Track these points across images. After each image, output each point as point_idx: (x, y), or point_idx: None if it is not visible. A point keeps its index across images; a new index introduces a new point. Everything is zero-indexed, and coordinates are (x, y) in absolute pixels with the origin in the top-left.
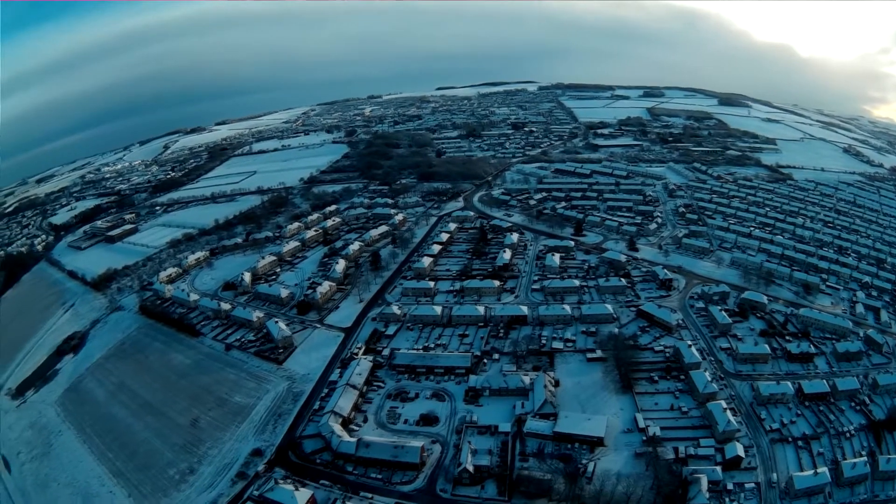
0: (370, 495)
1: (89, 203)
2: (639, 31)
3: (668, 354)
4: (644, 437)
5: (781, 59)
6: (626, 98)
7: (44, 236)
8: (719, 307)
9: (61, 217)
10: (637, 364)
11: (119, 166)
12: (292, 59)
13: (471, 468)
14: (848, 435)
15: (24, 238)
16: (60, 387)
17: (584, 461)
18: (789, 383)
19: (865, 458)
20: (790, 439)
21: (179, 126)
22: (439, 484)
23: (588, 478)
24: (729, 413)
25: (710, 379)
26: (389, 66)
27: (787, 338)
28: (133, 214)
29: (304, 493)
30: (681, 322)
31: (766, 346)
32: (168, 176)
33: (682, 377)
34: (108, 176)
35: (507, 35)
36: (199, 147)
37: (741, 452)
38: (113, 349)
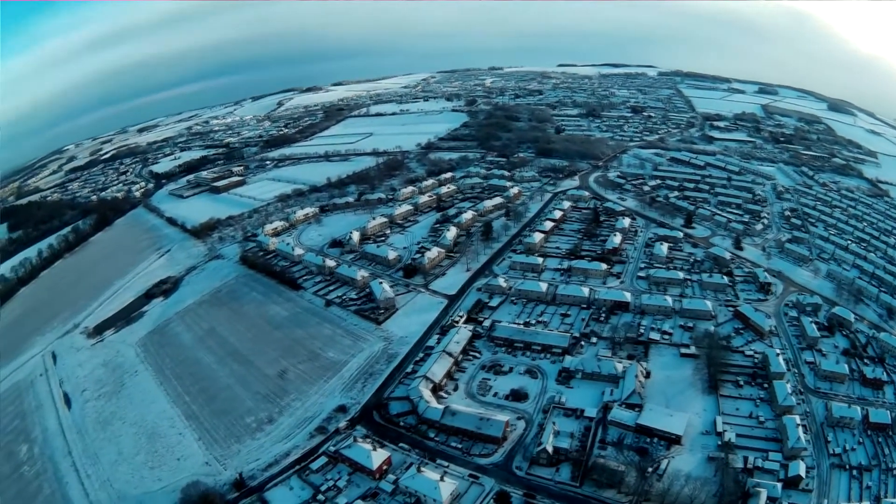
0: (446, 464)
1: (195, 154)
2: (750, 25)
3: (756, 360)
4: (719, 442)
5: (885, 69)
6: (742, 92)
7: (143, 183)
8: (810, 319)
9: (163, 166)
10: (727, 366)
11: (229, 120)
12: (414, 26)
13: (550, 449)
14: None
15: (121, 184)
16: (145, 328)
17: (659, 457)
18: (858, 408)
19: None
20: (847, 466)
21: (294, 84)
22: (516, 461)
23: (659, 475)
24: (801, 430)
25: (790, 392)
26: (509, 40)
27: (865, 361)
28: (241, 167)
29: (380, 454)
30: (773, 329)
31: (846, 365)
32: (281, 132)
33: (766, 385)
34: (216, 129)
35: (627, 17)
36: (315, 106)
37: (802, 472)
38: (207, 296)
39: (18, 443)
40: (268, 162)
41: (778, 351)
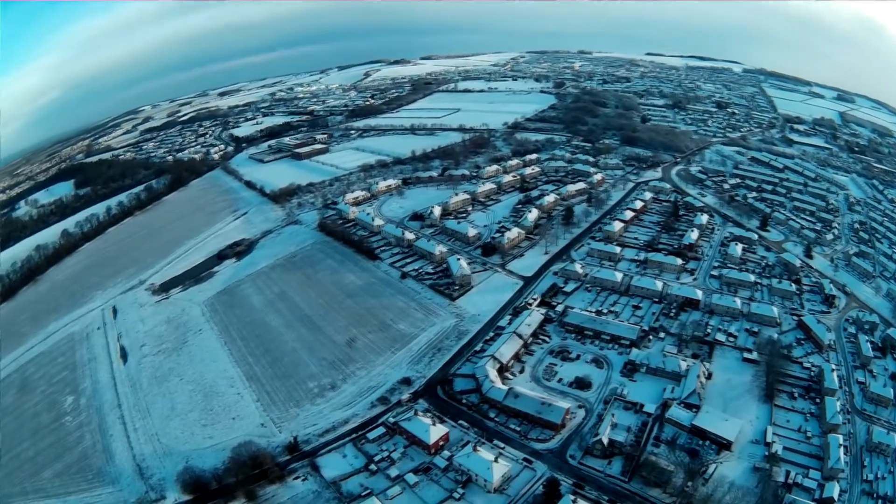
0: (503, 445)
1: (278, 119)
2: (829, 30)
3: (813, 373)
4: (766, 453)
5: None
6: (821, 97)
7: (222, 146)
8: (867, 338)
9: (244, 130)
10: (785, 375)
11: (314, 88)
12: (502, 4)
13: (605, 441)
14: None
15: (199, 146)
16: (213, 289)
17: (707, 461)
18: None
19: None
20: (875, 495)
21: (382, 56)
22: (571, 449)
23: (705, 479)
24: (842, 451)
25: (838, 410)
26: (596, 25)
27: None
28: (325, 135)
29: (439, 429)
30: (832, 343)
31: (892, 390)
32: (366, 102)
33: (818, 400)
34: (300, 96)
35: (714, 12)
36: (402, 78)
37: (835, 495)
38: (281, 260)
39: (64, 394)
40: (352, 131)
41: (833, 367)
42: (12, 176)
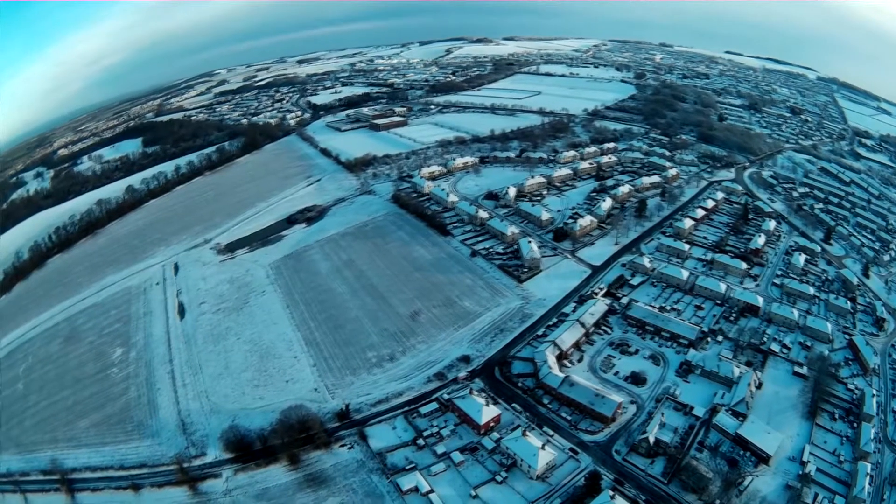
0: (551, 433)
1: (357, 90)
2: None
3: (855, 396)
4: (800, 472)
5: None
6: (889, 114)
7: (299, 112)
8: None
9: (322, 98)
10: (830, 395)
11: (395, 61)
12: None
13: (651, 440)
14: None
15: (276, 111)
16: (281, 252)
17: (745, 472)
18: None
19: None
20: None
21: (464, 34)
22: (617, 444)
23: (740, 491)
24: (867, 480)
25: (871, 437)
26: (678, 18)
27: None
28: (404, 108)
29: (491, 410)
30: (876, 368)
31: None
32: (447, 79)
33: (855, 425)
34: (381, 68)
35: (792, 13)
36: (484, 57)
37: None
38: (352, 228)
39: (114, 345)
40: (432, 106)
41: (874, 392)
42: (76, 132)
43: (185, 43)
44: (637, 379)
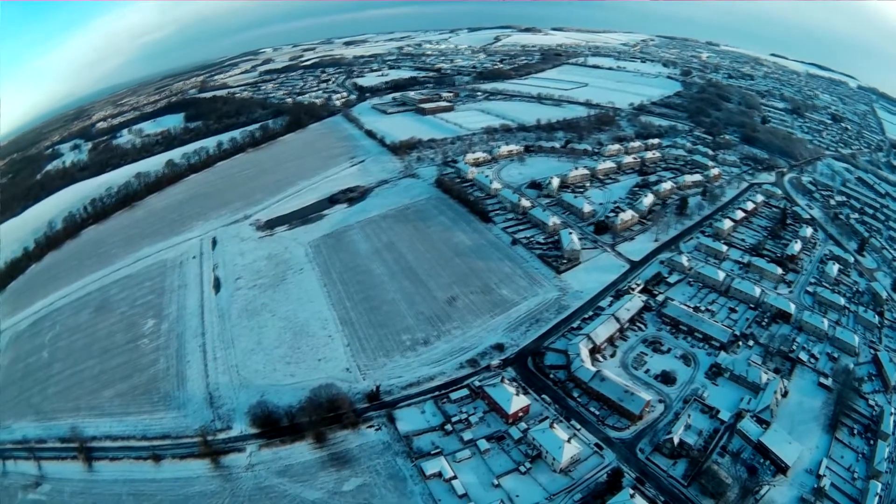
0: (579, 427)
1: (404, 73)
2: None
3: (875, 412)
4: (815, 486)
5: None
6: None
7: (345, 93)
8: None
9: (369, 80)
10: (851, 409)
11: (443, 46)
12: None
13: (676, 441)
14: None
15: (321, 91)
16: (321, 231)
17: (763, 481)
18: None
19: None
20: None
21: (513, 22)
22: (642, 443)
23: (756, 500)
24: (876, 501)
25: (886, 457)
26: (726, 18)
27: None
28: (451, 94)
29: (521, 400)
30: None
31: None
32: (495, 66)
33: (871, 442)
34: (428, 53)
35: (834, 18)
36: (532, 46)
37: None
38: (394, 211)
39: (146, 317)
40: (479, 93)
41: (893, 410)
42: (115, 105)
43: (231, 21)
44: (667, 378)
